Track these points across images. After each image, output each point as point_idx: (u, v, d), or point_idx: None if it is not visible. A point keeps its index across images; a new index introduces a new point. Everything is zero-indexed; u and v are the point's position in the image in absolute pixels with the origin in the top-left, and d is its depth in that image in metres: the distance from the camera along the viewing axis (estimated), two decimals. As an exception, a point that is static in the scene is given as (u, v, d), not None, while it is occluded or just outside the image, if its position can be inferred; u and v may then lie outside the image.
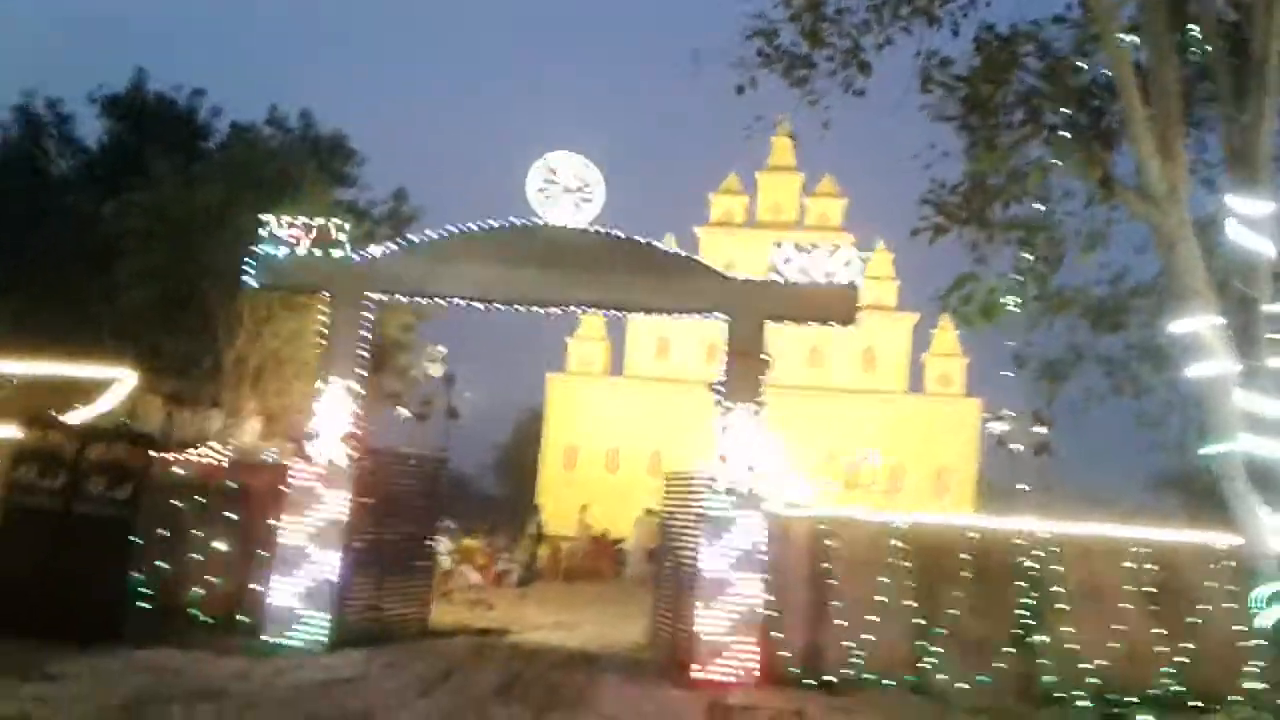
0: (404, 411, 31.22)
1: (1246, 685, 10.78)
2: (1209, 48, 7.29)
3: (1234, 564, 10.86)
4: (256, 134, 25.22)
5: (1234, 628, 11.02)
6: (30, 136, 27.57)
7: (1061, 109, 8.30)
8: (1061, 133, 8.15)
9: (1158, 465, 31.00)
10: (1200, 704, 11.25)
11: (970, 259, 9.29)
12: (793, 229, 38.69)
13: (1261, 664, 9.25)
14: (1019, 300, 8.23)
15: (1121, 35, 7.63)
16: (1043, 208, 8.39)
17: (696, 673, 11.77)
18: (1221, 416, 6.30)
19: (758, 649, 11.83)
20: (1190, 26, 7.69)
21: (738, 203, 40.86)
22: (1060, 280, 9.48)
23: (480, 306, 13.06)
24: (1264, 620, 6.38)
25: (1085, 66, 8.66)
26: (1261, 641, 8.57)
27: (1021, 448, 25.01)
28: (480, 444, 69.70)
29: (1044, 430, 23.79)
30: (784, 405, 37.57)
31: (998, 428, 26.35)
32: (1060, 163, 7.95)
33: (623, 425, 38.38)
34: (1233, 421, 6.12)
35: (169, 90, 28.57)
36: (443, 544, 23.15)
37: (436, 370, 28.79)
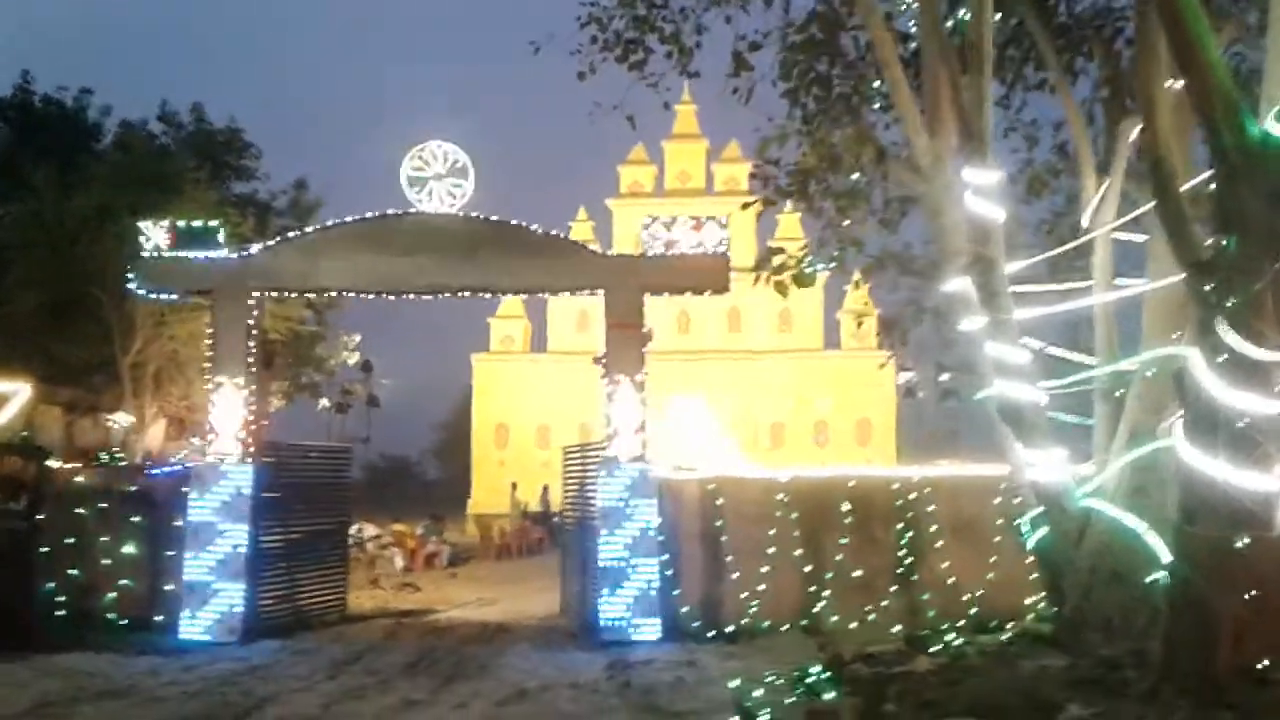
0: (324, 402, 31.38)
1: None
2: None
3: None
4: (145, 133, 24.76)
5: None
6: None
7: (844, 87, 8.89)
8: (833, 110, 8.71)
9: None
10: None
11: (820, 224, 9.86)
12: (701, 195, 39.20)
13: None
14: (835, 265, 8.79)
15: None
16: (858, 177, 8.94)
17: (602, 636, 12.26)
18: (982, 365, 6.92)
19: (656, 616, 12.34)
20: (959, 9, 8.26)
21: (646, 173, 41.23)
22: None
23: (358, 296, 13.26)
24: (1030, 542, 7.02)
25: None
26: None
27: (923, 395, 25.83)
28: (420, 429, 69.63)
29: (946, 377, 24.53)
30: (704, 370, 38.27)
31: (903, 377, 27.11)
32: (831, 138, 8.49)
33: (550, 401, 38.66)
34: (988, 368, 6.73)
35: (55, 92, 27.99)
36: (368, 531, 23.52)
37: (352, 358, 28.97)
